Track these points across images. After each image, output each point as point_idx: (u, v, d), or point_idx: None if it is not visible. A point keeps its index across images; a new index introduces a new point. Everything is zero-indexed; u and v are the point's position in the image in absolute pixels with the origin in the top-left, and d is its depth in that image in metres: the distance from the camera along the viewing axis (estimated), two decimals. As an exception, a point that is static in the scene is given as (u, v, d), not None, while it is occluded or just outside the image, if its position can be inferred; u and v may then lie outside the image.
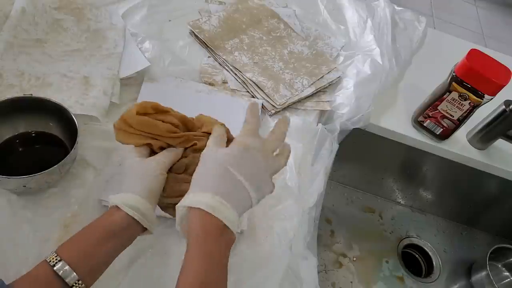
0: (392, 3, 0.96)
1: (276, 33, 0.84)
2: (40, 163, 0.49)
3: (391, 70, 0.81)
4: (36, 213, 0.52)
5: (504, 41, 2.43)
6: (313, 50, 0.82)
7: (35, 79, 0.61)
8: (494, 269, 0.95)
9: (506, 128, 0.74)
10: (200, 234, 0.36)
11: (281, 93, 0.72)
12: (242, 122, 0.67)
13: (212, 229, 0.37)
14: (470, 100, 0.69)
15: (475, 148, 0.81)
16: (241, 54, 0.77)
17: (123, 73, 0.67)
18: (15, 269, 0.48)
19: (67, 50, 0.68)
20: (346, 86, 0.77)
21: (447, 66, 0.70)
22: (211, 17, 0.82)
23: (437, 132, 0.77)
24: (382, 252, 0.93)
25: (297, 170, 0.64)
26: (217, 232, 0.37)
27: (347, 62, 0.82)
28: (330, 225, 0.94)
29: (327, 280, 0.86)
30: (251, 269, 0.54)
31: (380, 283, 0.88)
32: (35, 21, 0.68)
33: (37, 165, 0.49)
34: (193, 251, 0.36)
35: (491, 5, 2.70)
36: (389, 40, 0.86)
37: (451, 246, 0.98)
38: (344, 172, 0.98)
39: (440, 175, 0.91)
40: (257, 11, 0.87)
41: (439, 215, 1.02)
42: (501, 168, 0.81)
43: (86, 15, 0.74)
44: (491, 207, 0.96)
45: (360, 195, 1.01)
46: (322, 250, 0.90)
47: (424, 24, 0.99)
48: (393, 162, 0.91)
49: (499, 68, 0.66)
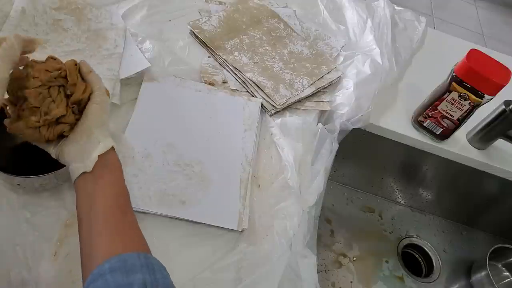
0: (392, 3, 0.96)
1: (276, 33, 0.84)
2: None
3: (391, 70, 0.81)
4: (36, 213, 0.52)
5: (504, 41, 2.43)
6: (313, 50, 0.82)
7: (35, 79, 0.62)
8: (494, 269, 0.95)
9: (506, 128, 0.74)
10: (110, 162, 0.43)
11: (281, 93, 0.72)
12: (242, 121, 0.68)
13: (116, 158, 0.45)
14: (470, 100, 0.69)
15: (475, 148, 0.81)
16: (241, 54, 0.77)
17: (123, 74, 0.67)
18: (15, 269, 0.48)
19: (68, 50, 0.68)
20: (346, 86, 0.77)
21: (447, 66, 0.70)
22: (211, 17, 0.82)
23: (437, 132, 0.77)
24: (382, 252, 0.93)
25: (297, 169, 0.64)
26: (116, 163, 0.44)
27: (347, 62, 0.82)
28: (330, 225, 0.94)
29: (327, 280, 0.86)
30: (251, 268, 0.54)
31: (380, 283, 0.88)
32: (35, 22, 0.68)
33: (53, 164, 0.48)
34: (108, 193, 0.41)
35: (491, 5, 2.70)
36: (389, 40, 0.86)
37: (451, 246, 0.98)
38: (344, 172, 0.98)
39: (440, 175, 0.91)
40: (257, 11, 0.87)
41: (439, 215, 1.02)
42: (501, 168, 0.81)
43: (86, 16, 0.74)
44: (491, 207, 0.96)
45: (360, 195, 1.01)
46: (322, 250, 0.90)
47: (424, 24, 0.99)
48: (393, 162, 0.91)
49: (499, 68, 0.66)
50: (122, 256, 0.35)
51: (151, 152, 0.60)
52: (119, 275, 0.33)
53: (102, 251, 0.36)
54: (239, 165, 0.62)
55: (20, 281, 0.47)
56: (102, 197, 0.40)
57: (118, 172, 0.44)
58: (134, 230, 0.40)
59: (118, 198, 0.42)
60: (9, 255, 0.48)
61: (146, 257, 0.36)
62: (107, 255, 0.35)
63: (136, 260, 0.35)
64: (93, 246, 0.37)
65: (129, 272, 0.33)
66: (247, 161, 0.63)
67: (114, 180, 0.43)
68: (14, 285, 0.47)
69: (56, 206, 0.53)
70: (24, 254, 0.49)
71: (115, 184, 0.42)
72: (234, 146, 0.65)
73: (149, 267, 0.35)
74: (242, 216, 0.57)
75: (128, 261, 0.34)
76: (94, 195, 0.40)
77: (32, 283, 0.47)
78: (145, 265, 0.35)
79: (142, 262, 0.35)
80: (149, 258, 0.36)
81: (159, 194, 0.56)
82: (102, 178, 0.42)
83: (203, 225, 0.56)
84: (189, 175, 0.59)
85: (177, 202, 0.56)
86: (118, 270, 0.33)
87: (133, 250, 0.36)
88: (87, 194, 0.41)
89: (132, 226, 0.40)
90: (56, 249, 0.50)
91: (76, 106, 0.45)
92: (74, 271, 0.49)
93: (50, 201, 0.53)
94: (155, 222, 0.55)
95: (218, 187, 0.59)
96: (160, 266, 0.37)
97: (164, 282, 0.35)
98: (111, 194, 0.41)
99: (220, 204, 0.58)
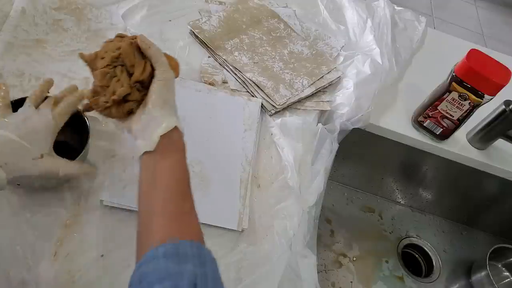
0: (392, 3, 0.96)
1: (276, 33, 0.84)
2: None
3: (391, 70, 0.81)
4: (36, 213, 0.52)
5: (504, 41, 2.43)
6: (313, 50, 0.82)
7: (35, 79, 0.62)
8: (494, 269, 0.95)
9: (506, 128, 0.74)
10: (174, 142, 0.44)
11: (281, 93, 0.72)
12: (242, 121, 0.68)
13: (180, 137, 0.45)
14: (470, 100, 0.69)
15: (475, 148, 0.81)
16: (241, 54, 0.77)
17: (123, 73, 0.67)
18: (15, 269, 0.48)
19: (67, 50, 0.68)
20: (346, 86, 0.77)
21: (447, 66, 0.70)
22: (211, 17, 0.82)
23: (437, 132, 0.77)
24: (382, 252, 0.93)
25: (297, 169, 0.64)
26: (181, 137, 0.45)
27: (347, 62, 0.82)
28: (330, 225, 0.94)
29: (327, 280, 0.86)
30: (251, 268, 0.54)
31: (380, 283, 0.88)
32: (35, 22, 0.68)
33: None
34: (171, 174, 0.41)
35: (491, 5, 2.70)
36: (389, 40, 0.86)
37: (451, 246, 0.99)
38: (344, 172, 0.98)
39: (440, 175, 0.91)
40: (257, 11, 0.87)
41: (439, 215, 1.02)
42: (501, 168, 0.81)
43: (86, 15, 0.74)
44: (491, 207, 0.97)
45: (360, 195, 1.01)
46: (322, 250, 0.90)
47: (424, 24, 0.99)
48: (393, 162, 0.91)
49: (499, 68, 0.66)
50: (177, 243, 0.35)
51: (151, 152, 0.60)
52: (171, 262, 0.33)
53: (158, 234, 0.37)
54: (239, 165, 0.62)
55: (20, 281, 0.47)
56: (164, 179, 0.41)
57: (180, 154, 0.44)
58: (191, 218, 0.40)
59: (179, 182, 0.41)
60: (9, 255, 0.48)
61: (199, 247, 0.36)
62: (162, 239, 0.35)
63: (189, 249, 0.35)
64: (149, 227, 0.38)
65: (181, 261, 0.34)
66: (247, 161, 0.63)
67: (176, 162, 0.43)
68: (14, 285, 0.47)
69: (56, 206, 0.53)
70: (24, 254, 0.49)
71: (176, 167, 0.42)
72: (234, 146, 0.65)
73: (201, 258, 0.35)
74: (242, 216, 0.57)
75: (181, 249, 0.35)
76: (155, 176, 0.41)
77: (32, 283, 0.47)
78: (197, 256, 0.35)
79: (194, 252, 0.35)
80: (201, 249, 0.36)
81: (159, 194, 0.56)
82: (165, 160, 0.42)
83: (203, 225, 0.55)
84: (189, 175, 0.59)
85: (177, 202, 0.56)
86: (170, 257, 0.34)
87: (187, 237, 0.37)
88: (150, 172, 0.41)
89: (189, 213, 0.40)
90: (56, 249, 0.50)
91: (139, 84, 0.45)
92: (74, 271, 0.49)
93: (50, 201, 0.53)
94: (155, 222, 0.55)
95: (218, 187, 0.59)
96: (212, 258, 0.37)
97: (213, 276, 0.35)
98: (173, 177, 0.41)
99: (220, 204, 0.58)
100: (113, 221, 0.54)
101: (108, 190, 0.55)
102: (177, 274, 0.33)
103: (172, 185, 0.41)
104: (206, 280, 0.33)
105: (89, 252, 0.51)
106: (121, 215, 0.54)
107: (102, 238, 0.52)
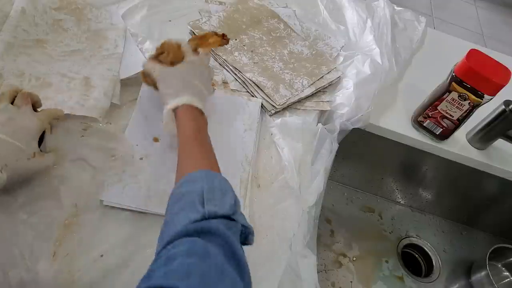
0: (392, 3, 0.96)
1: (276, 33, 0.84)
2: None
3: (390, 70, 0.81)
4: (34, 213, 0.52)
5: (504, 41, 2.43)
6: (313, 50, 0.82)
7: (35, 79, 0.62)
8: (494, 269, 0.95)
9: (506, 128, 0.74)
10: (190, 117, 0.53)
11: (281, 93, 0.72)
12: (242, 121, 0.68)
13: (196, 113, 0.54)
14: (470, 100, 0.69)
15: (475, 148, 0.81)
16: (241, 54, 0.77)
17: (123, 74, 0.67)
18: (14, 269, 0.48)
19: (67, 50, 0.68)
20: (346, 86, 0.77)
21: (447, 66, 0.70)
22: (211, 17, 0.82)
23: (437, 132, 0.77)
24: (382, 252, 0.93)
25: (297, 169, 0.64)
26: (198, 114, 0.55)
27: (347, 62, 0.82)
28: (330, 225, 0.94)
29: (327, 279, 0.86)
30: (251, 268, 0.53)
31: (379, 282, 0.89)
32: (35, 22, 0.68)
33: None
34: (188, 128, 0.52)
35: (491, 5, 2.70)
36: (389, 40, 0.86)
37: (451, 246, 0.99)
38: (344, 172, 0.98)
39: (439, 175, 0.91)
40: (257, 11, 0.87)
41: (439, 215, 1.02)
42: (501, 168, 0.81)
43: (87, 15, 0.74)
44: (491, 207, 0.97)
45: (360, 195, 1.01)
46: (322, 249, 0.90)
47: (424, 24, 0.99)
48: (392, 162, 0.91)
49: (499, 68, 0.66)
50: (190, 173, 0.46)
51: (151, 152, 0.60)
52: (185, 186, 0.44)
53: (180, 170, 0.49)
54: (239, 165, 0.62)
55: (20, 282, 0.47)
56: (183, 131, 0.52)
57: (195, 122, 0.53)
58: (203, 155, 0.50)
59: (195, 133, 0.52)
60: (8, 256, 0.48)
61: (208, 171, 0.46)
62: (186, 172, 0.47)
63: (197, 174, 0.45)
64: (177, 165, 0.50)
65: (191, 183, 0.44)
66: (247, 161, 0.63)
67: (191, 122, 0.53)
68: (13, 286, 0.47)
69: (56, 207, 0.53)
70: (23, 255, 0.49)
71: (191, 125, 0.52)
72: (234, 146, 0.65)
73: (208, 178, 0.45)
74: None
75: (193, 175, 0.45)
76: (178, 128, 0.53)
77: (31, 283, 0.47)
78: (205, 177, 0.45)
79: (202, 175, 0.45)
80: (210, 172, 0.46)
81: (159, 194, 0.56)
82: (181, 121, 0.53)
83: (203, 225, 0.56)
84: (189, 175, 0.59)
85: (177, 202, 0.56)
86: (184, 183, 0.45)
87: (198, 168, 0.47)
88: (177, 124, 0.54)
89: (201, 152, 0.50)
90: (55, 249, 0.50)
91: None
92: (73, 271, 0.49)
93: (48, 201, 0.53)
94: (155, 222, 0.55)
95: (218, 187, 0.59)
96: (221, 177, 0.47)
97: (221, 187, 0.44)
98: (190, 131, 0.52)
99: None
100: (113, 221, 0.54)
101: (108, 190, 0.55)
102: (191, 192, 0.43)
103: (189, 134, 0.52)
104: (213, 190, 0.43)
105: (89, 252, 0.50)
106: (121, 215, 0.54)
107: (102, 238, 0.52)
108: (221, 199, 0.43)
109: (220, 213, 0.41)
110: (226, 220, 0.41)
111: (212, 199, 0.42)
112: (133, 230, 0.54)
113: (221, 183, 0.45)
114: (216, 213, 0.40)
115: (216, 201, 0.42)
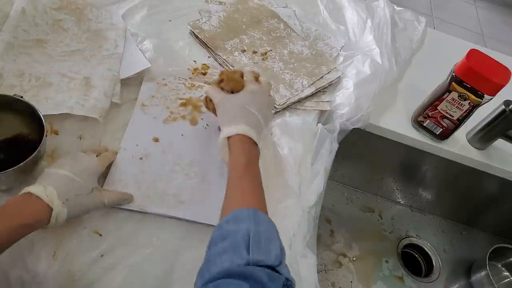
0: (392, 3, 0.96)
1: (276, 33, 0.84)
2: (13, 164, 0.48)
3: (390, 70, 0.81)
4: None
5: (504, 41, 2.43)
6: (313, 50, 0.82)
7: (35, 79, 0.62)
8: (493, 269, 0.95)
9: (506, 128, 0.74)
10: (242, 148, 0.52)
11: (281, 93, 0.73)
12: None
13: (249, 144, 0.53)
14: (470, 100, 0.69)
15: (475, 148, 0.81)
16: (241, 54, 0.77)
17: (123, 74, 0.67)
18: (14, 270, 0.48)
19: (68, 50, 0.68)
20: (346, 86, 0.77)
21: (447, 66, 0.70)
22: (211, 17, 0.82)
23: (437, 132, 0.77)
24: (382, 252, 0.93)
25: (297, 169, 0.65)
26: (251, 145, 0.53)
27: (347, 62, 0.82)
28: (330, 225, 0.94)
29: (327, 279, 0.86)
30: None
31: (379, 282, 0.89)
32: (35, 22, 0.68)
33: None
34: (239, 161, 0.51)
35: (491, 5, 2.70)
36: (389, 40, 0.86)
37: (451, 246, 0.99)
38: (344, 172, 0.98)
39: (439, 175, 0.91)
40: (257, 11, 0.87)
41: (439, 215, 1.02)
42: (500, 168, 0.81)
43: (87, 16, 0.74)
44: (491, 207, 0.97)
45: (359, 195, 1.01)
46: (322, 249, 0.90)
47: (424, 24, 0.99)
48: (392, 162, 0.91)
49: (499, 68, 0.66)
50: (235, 211, 0.45)
51: (151, 152, 0.60)
52: (231, 224, 0.44)
53: (228, 203, 0.49)
54: (239, 165, 0.62)
55: (20, 282, 0.47)
56: (234, 163, 0.51)
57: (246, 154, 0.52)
58: (252, 190, 0.50)
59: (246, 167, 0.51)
60: (8, 256, 0.48)
61: (255, 211, 0.45)
62: (233, 207, 0.46)
63: (245, 213, 0.44)
64: (225, 195, 0.50)
65: (238, 222, 0.43)
66: (247, 161, 0.63)
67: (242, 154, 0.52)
68: (13, 286, 0.47)
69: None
70: (23, 255, 0.49)
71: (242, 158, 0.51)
72: (234, 146, 0.64)
73: (256, 219, 0.44)
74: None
75: (240, 214, 0.45)
76: (230, 158, 0.53)
77: (31, 284, 0.47)
78: (252, 217, 0.44)
79: (250, 214, 0.44)
80: (257, 212, 0.45)
81: (159, 194, 0.56)
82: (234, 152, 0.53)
83: (203, 225, 0.56)
84: (189, 175, 0.59)
85: (177, 202, 0.56)
86: (231, 220, 0.44)
87: (245, 206, 0.46)
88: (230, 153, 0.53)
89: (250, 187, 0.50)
90: (56, 249, 0.50)
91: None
92: (74, 271, 0.49)
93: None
94: (155, 222, 0.55)
95: (218, 187, 0.59)
96: (267, 219, 0.46)
97: (267, 234, 0.43)
98: (241, 164, 0.51)
99: (220, 204, 0.57)
100: (113, 221, 0.54)
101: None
102: (235, 232, 0.42)
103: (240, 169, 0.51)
104: (259, 236, 0.42)
105: (89, 252, 0.51)
106: (121, 215, 0.54)
107: (102, 238, 0.52)
108: (267, 247, 0.42)
109: (265, 264, 0.40)
110: (270, 270, 0.40)
111: (258, 247, 0.41)
112: (133, 230, 0.54)
113: (267, 227, 0.45)
114: (262, 262, 0.40)
115: (262, 249, 0.41)
